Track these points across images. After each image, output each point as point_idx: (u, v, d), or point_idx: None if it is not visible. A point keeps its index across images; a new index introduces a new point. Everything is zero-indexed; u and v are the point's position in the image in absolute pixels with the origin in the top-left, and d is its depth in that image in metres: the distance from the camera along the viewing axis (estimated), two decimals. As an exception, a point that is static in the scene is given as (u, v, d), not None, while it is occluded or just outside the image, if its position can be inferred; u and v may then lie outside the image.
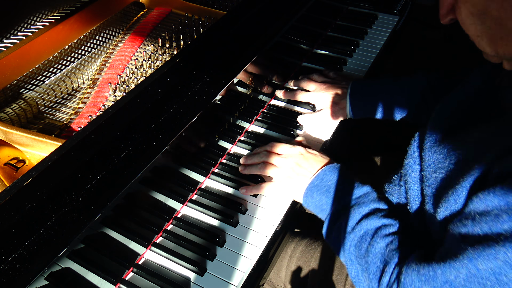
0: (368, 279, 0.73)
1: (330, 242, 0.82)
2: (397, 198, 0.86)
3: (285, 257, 1.02)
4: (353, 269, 0.76)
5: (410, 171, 0.80)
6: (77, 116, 0.94)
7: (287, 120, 1.09)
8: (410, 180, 0.79)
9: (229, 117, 1.01)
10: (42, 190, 0.68)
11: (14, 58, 0.95)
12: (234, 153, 1.01)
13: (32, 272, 0.61)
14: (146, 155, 0.76)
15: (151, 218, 0.84)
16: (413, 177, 0.79)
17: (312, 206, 0.85)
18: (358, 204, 0.80)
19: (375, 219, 0.77)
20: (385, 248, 0.73)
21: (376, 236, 0.75)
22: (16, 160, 0.84)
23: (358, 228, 0.76)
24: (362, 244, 0.75)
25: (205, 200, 0.90)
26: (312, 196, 0.84)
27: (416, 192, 0.78)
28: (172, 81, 0.88)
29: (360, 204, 0.79)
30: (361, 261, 0.74)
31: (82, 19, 1.09)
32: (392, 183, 0.89)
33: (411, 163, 0.80)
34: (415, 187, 0.78)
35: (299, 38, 1.24)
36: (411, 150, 0.81)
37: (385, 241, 0.74)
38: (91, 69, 1.07)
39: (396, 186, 0.87)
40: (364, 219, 0.77)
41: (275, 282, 1.05)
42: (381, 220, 0.77)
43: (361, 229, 0.76)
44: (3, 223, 0.63)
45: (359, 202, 0.80)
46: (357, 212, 0.78)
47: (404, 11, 1.46)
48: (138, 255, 0.81)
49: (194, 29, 1.16)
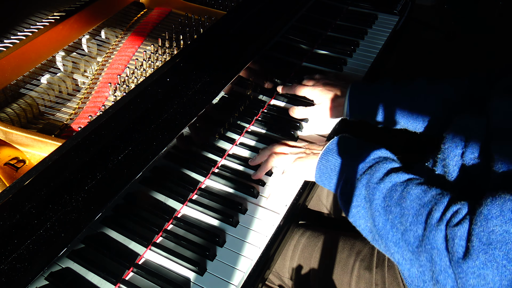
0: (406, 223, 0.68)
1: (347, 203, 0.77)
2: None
3: (289, 248, 1.03)
4: (381, 221, 0.72)
5: (452, 155, 0.77)
6: (77, 116, 0.94)
7: (287, 120, 1.09)
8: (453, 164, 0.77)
9: (229, 117, 1.01)
10: (42, 190, 0.68)
11: (14, 58, 0.95)
12: (234, 153, 1.01)
13: (32, 272, 0.61)
14: (146, 155, 0.76)
15: (151, 218, 0.84)
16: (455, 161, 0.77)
17: (327, 171, 0.82)
18: (382, 161, 0.77)
19: (403, 174, 0.74)
20: (423, 192, 0.70)
21: (410, 184, 0.72)
22: (16, 160, 0.84)
23: (387, 180, 0.73)
24: (393, 193, 0.72)
25: (205, 200, 0.90)
26: (327, 160, 0.82)
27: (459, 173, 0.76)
28: (172, 81, 0.88)
29: (384, 161, 0.77)
30: (394, 208, 0.70)
31: (82, 19, 1.09)
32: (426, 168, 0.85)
33: (452, 148, 0.78)
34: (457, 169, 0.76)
35: (299, 38, 1.24)
36: (449, 136, 0.79)
37: (421, 187, 0.70)
38: (91, 69, 1.07)
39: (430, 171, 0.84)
40: (393, 173, 0.74)
41: (281, 273, 1.05)
42: (410, 175, 0.74)
43: (390, 181, 0.73)
44: (3, 223, 0.63)
45: (383, 160, 0.77)
46: (382, 167, 0.76)
47: (404, 11, 1.46)
48: (138, 255, 0.81)
49: (194, 29, 1.16)
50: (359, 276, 0.93)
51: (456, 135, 0.78)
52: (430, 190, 0.70)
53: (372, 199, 0.74)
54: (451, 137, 0.79)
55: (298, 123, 1.07)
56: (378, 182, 0.74)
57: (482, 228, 0.60)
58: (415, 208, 0.69)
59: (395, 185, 0.73)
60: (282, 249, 0.96)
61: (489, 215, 0.60)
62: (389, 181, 0.73)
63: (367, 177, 0.76)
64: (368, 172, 0.76)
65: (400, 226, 0.69)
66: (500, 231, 0.59)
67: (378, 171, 0.75)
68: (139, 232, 0.81)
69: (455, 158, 0.77)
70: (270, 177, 0.95)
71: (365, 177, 0.76)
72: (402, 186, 0.72)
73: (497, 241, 0.59)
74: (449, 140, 0.79)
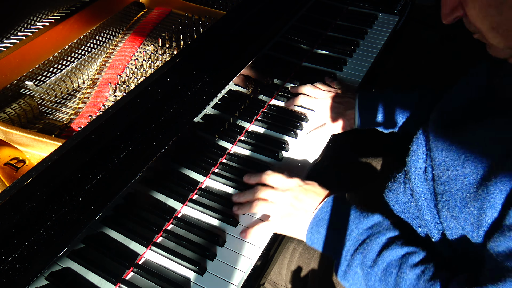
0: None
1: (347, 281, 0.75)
2: (403, 196, 0.84)
3: (286, 256, 1.02)
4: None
5: (414, 168, 0.78)
6: (77, 116, 0.94)
7: (288, 120, 1.09)
8: (414, 177, 0.78)
9: (229, 117, 1.01)
10: (42, 190, 0.68)
11: (14, 58, 0.95)
12: (234, 153, 1.01)
13: (32, 272, 0.61)
14: (146, 155, 0.76)
15: (151, 218, 0.84)
16: (417, 174, 0.77)
17: (319, 242, 0.78)
18: (373, 235, 0.74)
19: (397, 248, 0.71)
20: (417, 279, 0.67)
21: (403, 266, 0.69)
22: (16, 160, 0.84)
23: (380, 261, 0.71)
24: (388, 278, 0.69)
25: (205, 200, 0.90)
26: (318, 232, 0.78)
27: (421, 188, 0.77)
28: (172, 81, 0.88)
29: (375, 235, 0.74)
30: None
31: (82, 19, 1.10)
32: (397, 182, 0.87)
33: (414, 160, 0.79)
34: (419, 183, 0.77)
35: (299, 38, 1.24)
36: (413, 148, 0.80)
37: (415, 272, 0.68)
38: (91, 69, 1.07)
39: (401, 184, 0.85)
40: (385, 250, 0.71)
41: (276, 281, 1.05)
42: (404, 249, 0.71)
43: (383, 261, 0.70)
44: (3, 223, 0.63)
45: (374, 233, 0.74)
46: (374, 243, 0.72)
47: (404, 11, 1.46)
48: (138, 255, 0.81)
49: (194, 29, 1.16)
50: None
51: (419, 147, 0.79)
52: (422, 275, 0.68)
53: (368, 284, 0.72)
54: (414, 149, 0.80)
55: (299, 123, 1.07)
56: (372, 266, 0.71)
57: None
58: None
59: (389, 266, 0.70)
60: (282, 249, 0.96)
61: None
62: (382, 261, 0.71)
63: (360, 257, 0.73)
64: (361, 251, 0.73)
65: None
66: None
67: (371, 249, 0.72)
68: (139, 232, 0.81)
69: (417, 171, 0.78)
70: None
71: (358, 256, 0.73)
72: (396, 268, 0.69)
73: None
74: (412, 152, 0.80)
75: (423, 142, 0.79)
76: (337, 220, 0.77)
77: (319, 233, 0.78)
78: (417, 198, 0.78)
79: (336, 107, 1.06)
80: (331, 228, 0.77)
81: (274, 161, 0.99)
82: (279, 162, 0.99)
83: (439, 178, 0.71)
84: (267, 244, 0.84)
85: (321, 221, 0.78)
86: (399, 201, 0.85)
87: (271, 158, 0.99)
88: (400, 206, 0.85)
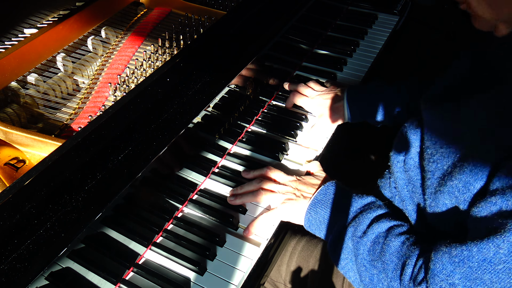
0: (387, 278, 0.71)
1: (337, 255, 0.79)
2: (389, 192, 0.87)
3: (286, 255, 1.02)
4: (367, 276, 0.73)
5: (395, 162, 0.81)
6: (77, 116, 0.94)
7: (288, 120, 1.09)
8: (396, 170, 0.81)
9: (229, 117, 1.01)
10: (42, 190, 0.68)
11: (14, 58, 0.95)
12: (234, 153, 1.01)
13: (32, 272, 0.61)
14: (146, 155, 0.76)
15: (151, 218, 0.84)
16: (398, 167, 0.80)
17: (316, 222, 0.83)
18: (365, 211, 0.79)
19: (385, 222, 0.76)
20: (401, 244, 0.72)
21: (390, 235, 0.74)
22: (16, 160, 0.84)
23: (369, 232, 0.75)
24: (376, 246, 0.74)
25: (205, 200, 0.90)
26: (316, 212, 0.82)
27: (403, 180, 0.80)
28: (172, 81, 0.88)
29: (367, 211, 0.79)
30: (377, 263, 0.72)
31: (82, 19, 1.09)
32: (384, 178, 0.89)
33: (396, 155, 0.81)
34: (401, 175, 0.80)
35: (299, 38, 1.24)
36: (395, 142, 0.83)
37: (400, 239, 0.72)
38: (91, 69, 1.07)
39: (387, 180, 0.88)
40: (374, 223, 0.76)
41: (275, 279, 1.05)
42: (391, 222, 0.76)
43: (373, 233, 0.75)
44: (3, 223, 0.63)
45: (366, 209, 0.79)
46: (365, 217, 0.77)
47: (404, 11, 1.46)
48: (138, 255, 0.81)
49: (194, 29, 1.16)
50: None
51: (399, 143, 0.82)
52: (407, 240, 0.72)
53: (357, 253, 0.75)
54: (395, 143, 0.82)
55: (299, 123, 1.07)
56: (362, 236, 0.76)
57: (433, 286, 0.63)
58: (394, 262, 0.71)
59: (378, 237, 0.74)
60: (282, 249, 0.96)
61: (434, 270, 0.63)
62: (371, 233, 0.75)
63: (352, 230, 0.77)
64: (353, 224, 0.78)
65: (384, 282, 0.71)
66: (447, 286, 0.61)
67: (361, 223, 0.77)
68: (139, 232, 0.81)
69: (398, 164, 0.81)
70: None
71: (350, 229, 0.78)
72: (383, 238, 0.74)
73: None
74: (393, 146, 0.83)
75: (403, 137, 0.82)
76: (334, 201, 0.82)
77: (317, 213, 0.82)
78: (400, 190, 0.81)
79: (325, 102, 1.07)
80: (328, 208, 0.81)
81: (274, 161, 0.99)
82: (279, 162, 0.99)
83: (432, 156, 0.72)
84: (267, 244, 0.84)
85: (319, 202, 0.83)
86: (387, 196, 0.87)
87: (271, 158, 0.99)
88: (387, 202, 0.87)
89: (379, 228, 0.75)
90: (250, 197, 0.88)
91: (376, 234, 0.75)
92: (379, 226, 0.75)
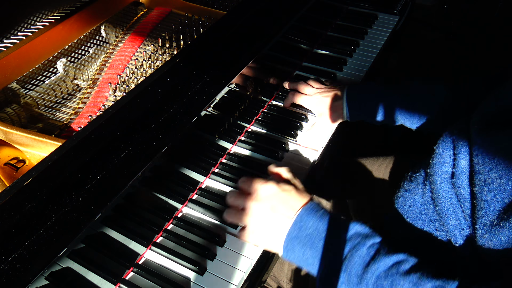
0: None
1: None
2: (421, 198, 0.81)
3: None
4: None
5: (440, 172, 0.74)
6: (77, 116, 0.94)
7: (288, 120, 1.09)
8: (440, 181, 0.74)
9: (229, 117, 1.01)
10: (42, 190, 0.68)
11: (14, 58, 0.95)
12: (234, 153, 1.01)
13: (32, 272, 0.61)
14: (146, 155, 0.76)
15: (151, 217, 0.84)
16: (443, 178, 0.73)
17: (296, 260, 0.72)
18: (354, 248, 0.68)
19: (384, 259, 0.66)
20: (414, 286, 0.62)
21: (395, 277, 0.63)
22: (16, 160, 0.84)
23: (368, 275, 0.65)
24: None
25: (205, 200, 0.90)
26: (293, 250, 0.71)
27: (447, 192, 0.73)
28: (172, 81, 0.88)
29: (356, 246, 0.68)
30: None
31: (82, 19, 1.10)
32: (414, 182, 0.83)
33: (440, 164, 0.74)
34: (446, 187, 0.73)
35: (299, 38, 1.24)
36: (439, 150, 0.75)
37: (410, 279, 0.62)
38: (91, 69, 1.07)
39: (419, 185, 0.81)
40: (371, 263, 0.65)
41: (278, 277, 1.05)
42: (391, 258, 0.66)
43: (372, 275, 0.64)
44: (3, 223, 0.63)
45: (354, 245, 0.68)
46: (356, 257, 0.67)
47: (404, 11, 1.46)
48: (138, 254, 0.81)
49: (194, 29, 1.16)
50: None
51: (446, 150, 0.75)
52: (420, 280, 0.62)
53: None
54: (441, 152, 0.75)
55: (299, 123, 1.07)
56: (359, 282, 0.65)
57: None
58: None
59: (379, 279, 0.64)
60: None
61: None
62: (371, 275, 0.64)
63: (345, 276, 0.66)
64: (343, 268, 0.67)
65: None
66: None
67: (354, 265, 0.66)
68: (139, 232, 0.81)
69: (443, 175, 0.74)
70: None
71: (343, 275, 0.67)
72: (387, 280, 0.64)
73: None
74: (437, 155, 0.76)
75: (450, 146, 0.75)
76: (311, 237, 0.71)
77: (294, 251, 0.72)
78: (442, 202, 0.74)
79: (325, 100, 1.07)
80: (305, 247, 0.70)
81: (274, 161, 0.99)
82: (279, 162, 0.99)
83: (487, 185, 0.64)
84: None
85: (294, 238, 0.72)
86: (416, 202, 0.82)
87: (271, 158, 0.99)
88: (417, 207, 0.82)
89: (378, 268, 0.65)
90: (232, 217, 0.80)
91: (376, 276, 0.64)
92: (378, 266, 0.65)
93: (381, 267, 0.65)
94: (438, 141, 0.77)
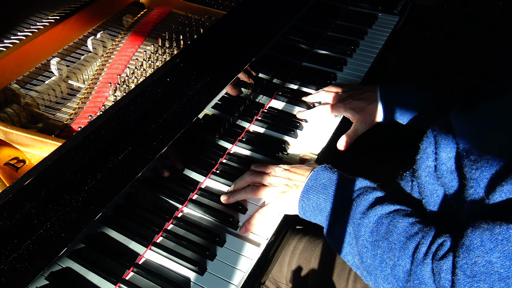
0: (394, 257, 0.68)
1: (334, 238, 0.77)
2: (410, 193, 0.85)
3: (287, 254, 1.02)
4: (369, 257, 0.71)
5: (424, 167, 0.78)
6: (77, 116, 0.94)
7: (288, 120, 1.09)
8: (424, 175, 0.77)
9: (229, 117, 1.01)
10: (42, 190, 0.68)
11: (14, 58, 0.95)
12: (234, 153, 1.01)
13: (32, 272, 0.61)
14: (146, 155, 0.76)
15: (151, 218, 0.84)
16: (427, 172, 0.77)
17: (310, 209, 0.81)
18: (362, 194, 0.76)
19: (388, 205, 0.73)
20: (410, 225, 0.69)
21: (396, 217, 0.71)
22: (16, 160, 0.84)
23: (371, 213, 0.73)
24: (380, 227, 0.71)
25: (205, 200, 0.90)
26: (308, 199, 0.81)
27: (432, 185, 0.77)
28: (172, 81, 0.88)
29: (364, 193, 0.76)
30: (382, 243, 0.70)
31: (82, 19, 1.10)
32: (404, 180, 0.87)
33: (423, 159, 0.78)
34: (430, 180, 0.77)
35: (299, 38, 1.24)
36: (423, 146, 0.79)
37: (408, 220, 0.70)
38: (91, 69, 1.07)
39: (408, 182, 0.85)
40: (377, 205, 0.73)
41: (277, 279, 1.05)
42: (395, 206, 0.73)
43: (375, 214, 0.73)
44: (3, 223, 0.63)
45: (362, 192, 0.77)
46: (363, 200, 0.75)
47: (404, 11, 1.46)
48: (138, 254, 0.81)
49: (194, 29, 1.16)
50: (355, 281, 0.94)
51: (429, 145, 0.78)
52: (416, 222, 0.70)
53: (358, 235, 0.73)
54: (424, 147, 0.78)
55: (298, 123, 1.07)
56: (362, 217, 0.73)
57: (465, 260, 0.60)
58: (402, 241, 0.68)
59: (381, 218, 0.72)
60: (282, 249, 0.96)
61: (470, 246, 0.60)
62: (373, 214, 0.73)
63: (350, 213, 0.75)
64: (350, 207, 0.76)
65: (389, 261, 0.69)
66: (483, 262, 0.59)
67: (360, 205, 0.75)
68: (139, 232, 0.81)
69: (427, 169, 0.77)
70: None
71: (348, 213, 0.76)
72: (388, 219, 0.72)
73: (480, 273, 0.58)
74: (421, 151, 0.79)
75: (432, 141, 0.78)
76: (326, 185, 0.80)
77: (309, 199, 0.81)
78: (428, 195, 0.78)
79: (359, 104, 1.05)
80: (320, 194, 0.80)
81: (274, 161, 0.99)
82: (279, 162, 0.99)
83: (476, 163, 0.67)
84: (267, 244, 0.84)
85: (310, 188, 0.81)
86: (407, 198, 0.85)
87: (271, 158, 0.99)
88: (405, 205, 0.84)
89: (382, 209, 0.73)
90: (242, 194, 0.88)
91: (379, 215, 0.72)
92: (381, 208, 0.73)
93: (384, 209, 0.73)
94: (423, 137, 0.81)
